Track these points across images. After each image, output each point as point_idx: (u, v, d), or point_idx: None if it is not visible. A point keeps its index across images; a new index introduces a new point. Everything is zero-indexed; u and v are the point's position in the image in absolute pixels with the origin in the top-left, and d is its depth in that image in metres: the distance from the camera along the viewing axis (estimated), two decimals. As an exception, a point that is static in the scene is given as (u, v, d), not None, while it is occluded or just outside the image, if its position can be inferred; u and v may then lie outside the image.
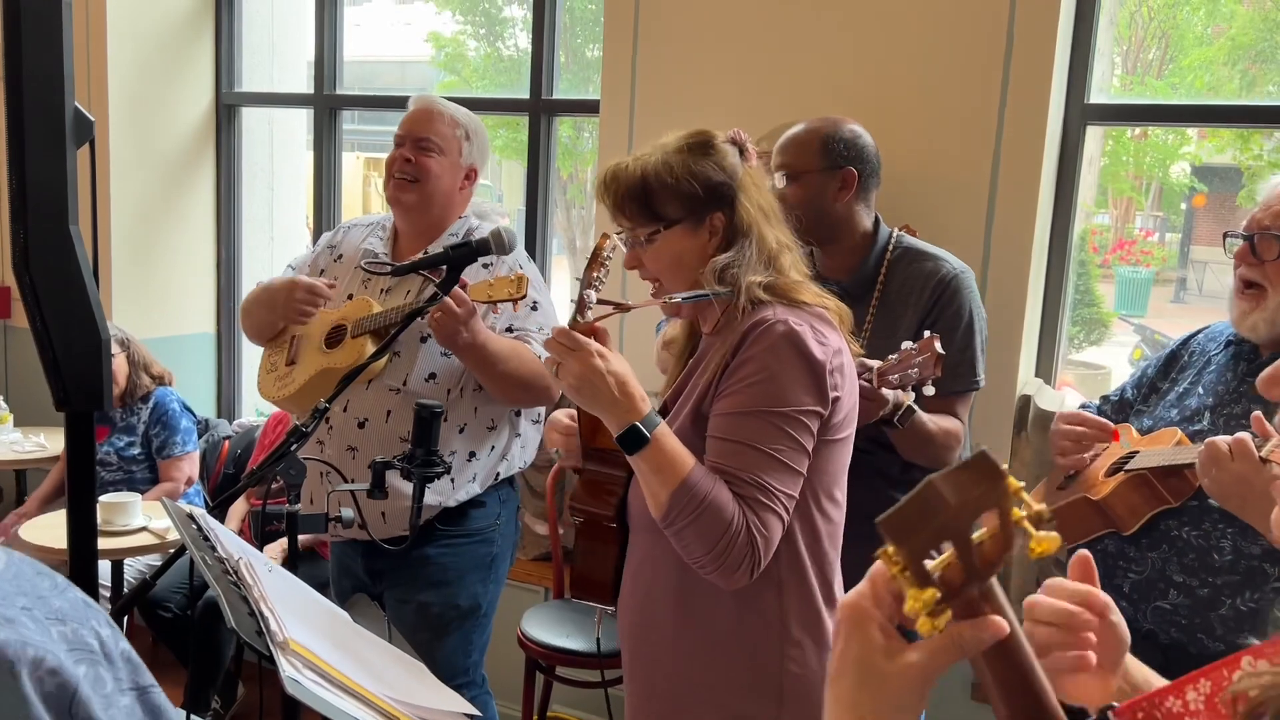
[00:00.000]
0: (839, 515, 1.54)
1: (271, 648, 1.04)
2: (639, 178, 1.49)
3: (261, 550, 1.95)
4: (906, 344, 1.77)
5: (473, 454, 2.29)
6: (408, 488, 2.19)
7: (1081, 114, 2.62)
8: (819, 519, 1.49)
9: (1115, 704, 0.77)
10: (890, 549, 0.70)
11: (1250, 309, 1.69)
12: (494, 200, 9.98)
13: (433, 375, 2.24)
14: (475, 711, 1.27)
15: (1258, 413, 1.49)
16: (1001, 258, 2.54)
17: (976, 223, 2.54)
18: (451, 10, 9.17)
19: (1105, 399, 2.01)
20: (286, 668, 1.01)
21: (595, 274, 1.38)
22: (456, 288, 1.97)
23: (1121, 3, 7.46)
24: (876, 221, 2.14)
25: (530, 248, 3.44)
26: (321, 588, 3.00)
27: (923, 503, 0.68)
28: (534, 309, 2.28)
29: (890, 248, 2.12)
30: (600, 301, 1.40)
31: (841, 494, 1.54)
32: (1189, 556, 1.68)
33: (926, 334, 1.73)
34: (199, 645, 3.17)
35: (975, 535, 0.69)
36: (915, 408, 1.86)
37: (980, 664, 0.73)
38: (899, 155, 2.60)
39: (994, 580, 0.72)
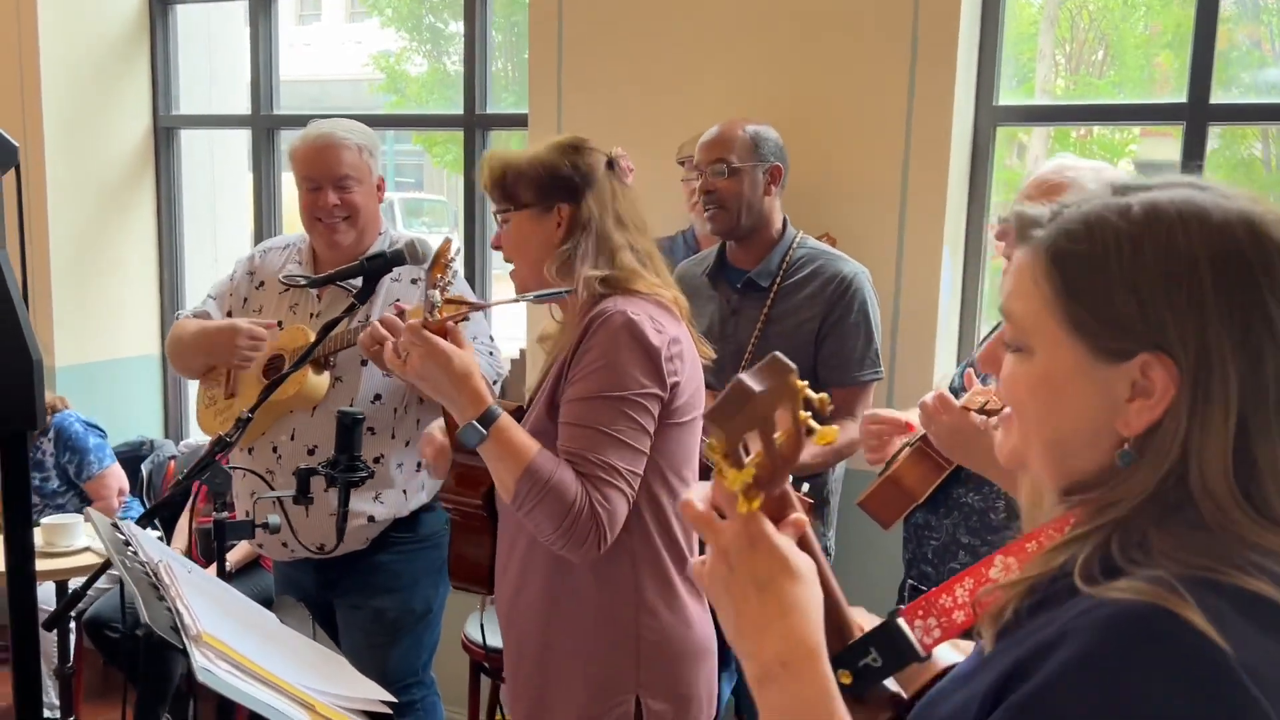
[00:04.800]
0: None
1: (185, 641, 1.10)
2: (503, 163, 1.65)
3: (210, 564, 1.98)
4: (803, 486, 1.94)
5: (419, 464, 2.36)
6: (364, 505, 2.26)
7: (991, 116, 2.73)
8: (666, 497, 1.62)
9: (901, 606, 0.87)
10: (712, 440, 0.80)
11: None
12: (448, 216, 10.04)
13: (378, 396, 2.30)
14: (391, 698, 1.33)
15: (969, 369, 1.73)
16: (915, 259, 2.63)
17: (889, 226, 2.64)
18: (396, 28, 9.22)
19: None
20: (199, 658, 1.07)
21: (439, 275, 1.49)
22: (393, 315, 1.99)
23: (1061, 4, 7.62)
24: (785, 221, 2.34)
25: (469, 258, 3.51)
26: (266, 602, 3.03)
27: (735, 394, 0.79)
28: (465, 320, 2.34)
29: (793, 246, 2.31)
30: (450, 301, 1.52)
31: (692, 473, 1.66)
32: (973, 520, 1.87)
33: (805, 488, 1.92)
34: (148, 664, 3.19)
35: (775, 435, 0.80)
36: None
37: None
38: (813, 161, 2.69)
39: (791, 491, 0.84)
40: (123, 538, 1.36)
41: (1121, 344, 0.75)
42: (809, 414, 0.80)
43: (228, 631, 1.17)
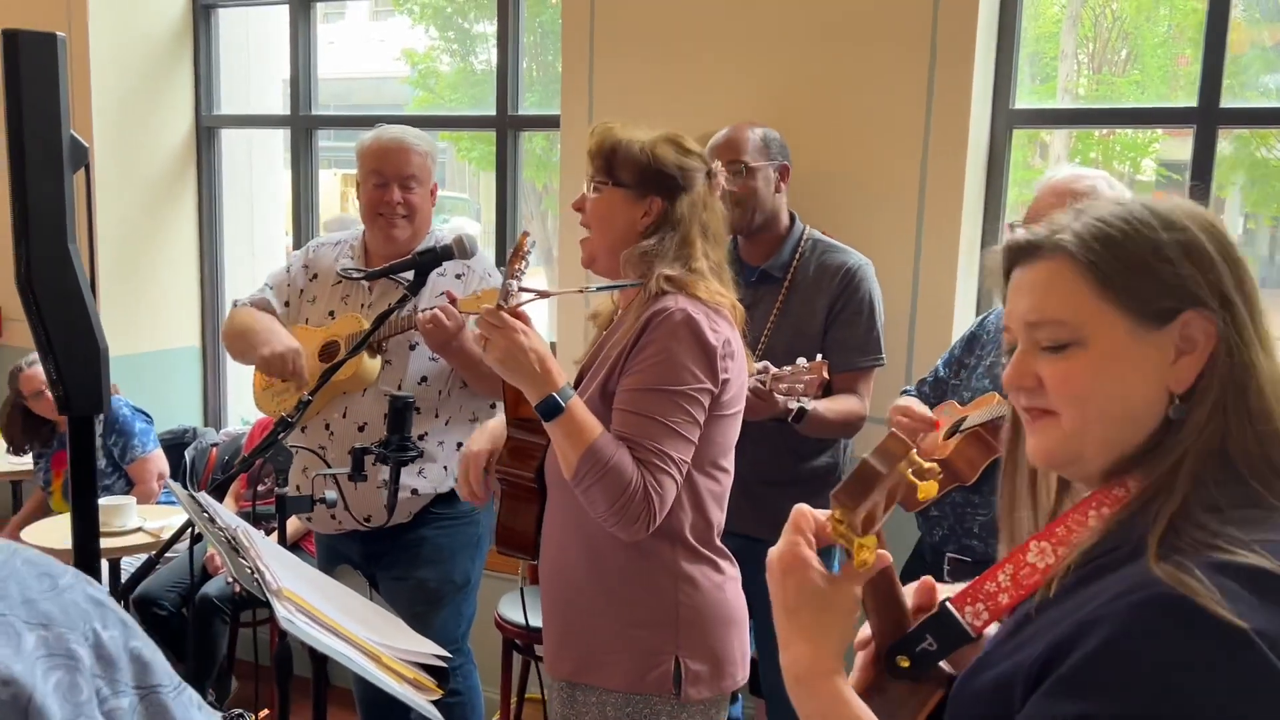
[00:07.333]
0: (726, 480, 1.78)
1: (268, 595, 1.22)
2: (614, 139, 1.74)
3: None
4: (801, 360, 2.03)
5: (460, 444, 2.51)
6: (408, 479, 2.38)
7: (1007, 119, 2.82)
8: (706, 481, 1.73)
9: (950, 596, 0.97)
10: (838, 513, 0.90)
11: None
12: (471, 213, 10.16)
13: (424, 378, 2.47)
14: (447, 654, 1.45)
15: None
16: (932, 257, 2.73)
17: (908, 225, 2.74)
18: (425, 25, 9.34)
19: (923, 381, 2.33)
20: (281, 611, 1.19)
21: (517, 266, 1.62)
22: (447, 303, 2.20)
23: (1084, 3, 7.66)
24: (792, 215, 2.47)
25: (501, 258, 3.62)
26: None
27: (863, 477, 0.89)
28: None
29: (803, 239, 2.45)
30: (523, 289, 1.63)
31: (728, 461, 1.77)
32: None
33: (819, 358, 2.00)
34: (194, 641, 3.33)
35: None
36: (808, 407, 2.11)
37: (866, 585, 0.97)
38: (834, 162, 2.80)
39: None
40: (201, 506, 1.49)
41: (1164, 303, 0.87)
42: (910, 472, 0.91)
43: (301, 588, 1.29)
